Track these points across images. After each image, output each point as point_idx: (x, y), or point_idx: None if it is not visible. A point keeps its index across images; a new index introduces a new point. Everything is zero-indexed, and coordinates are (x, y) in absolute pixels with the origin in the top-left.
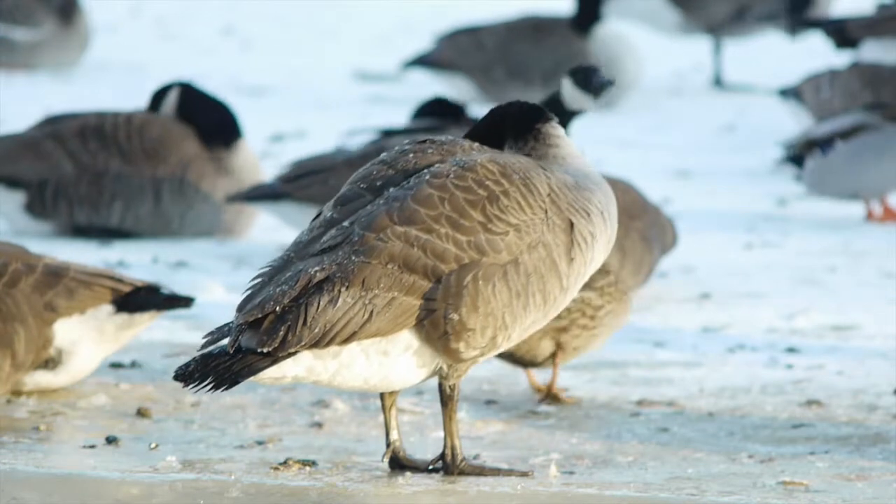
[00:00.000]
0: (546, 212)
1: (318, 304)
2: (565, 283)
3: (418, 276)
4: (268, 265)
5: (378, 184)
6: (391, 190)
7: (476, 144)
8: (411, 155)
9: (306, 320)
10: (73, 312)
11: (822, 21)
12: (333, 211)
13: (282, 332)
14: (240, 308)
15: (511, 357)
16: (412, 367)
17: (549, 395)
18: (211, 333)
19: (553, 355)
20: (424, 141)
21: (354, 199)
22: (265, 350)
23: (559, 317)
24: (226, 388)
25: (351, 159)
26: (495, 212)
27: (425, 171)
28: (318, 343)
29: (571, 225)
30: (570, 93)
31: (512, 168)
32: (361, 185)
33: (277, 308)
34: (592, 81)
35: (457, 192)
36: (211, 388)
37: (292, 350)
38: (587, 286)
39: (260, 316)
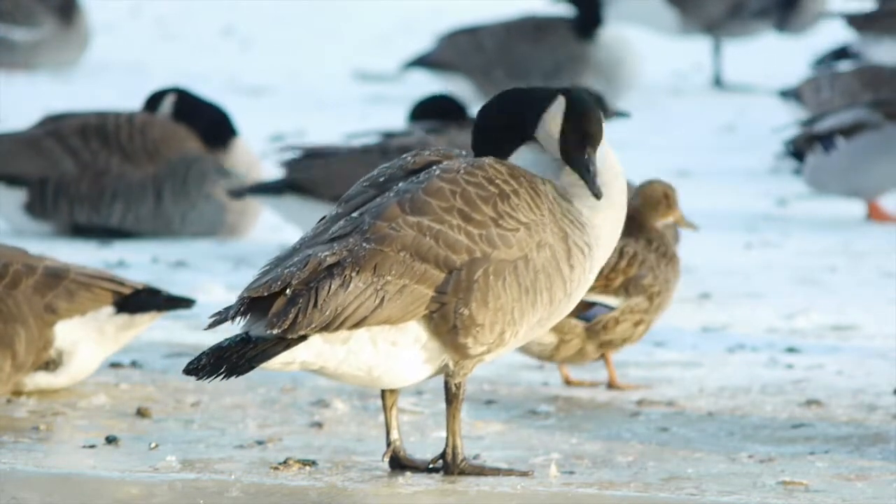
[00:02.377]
0: (551, 215)
1: (330, 287)
2: (568, 289)
3: (430, 266)
4: (274, 257)
5: (381, 180)
6: (399, 184)
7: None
8: (410, 158)
9: (317, 303)
10: (73, 314)
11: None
12: (339, 208)
13: (292, 315)
14: (246, 289)
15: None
16: (419, 361)
17: (614, 387)
18: (218, 313)
19: (601, 355)
20: (422, 148)
21: (358, 195)
22: (275, 332)
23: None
24: (238, 375)
25: (353, 150)
26: (506, 209)
27: (434, 167)
28: (328, 326)
29: (565, 232)
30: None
31: (518, 171)
32: (364, 184)
33: (287, 290)
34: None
35: (468, 188)
36: (224, 376)
37: (302, 333)
38: (638, 291)
39: (265, 294)
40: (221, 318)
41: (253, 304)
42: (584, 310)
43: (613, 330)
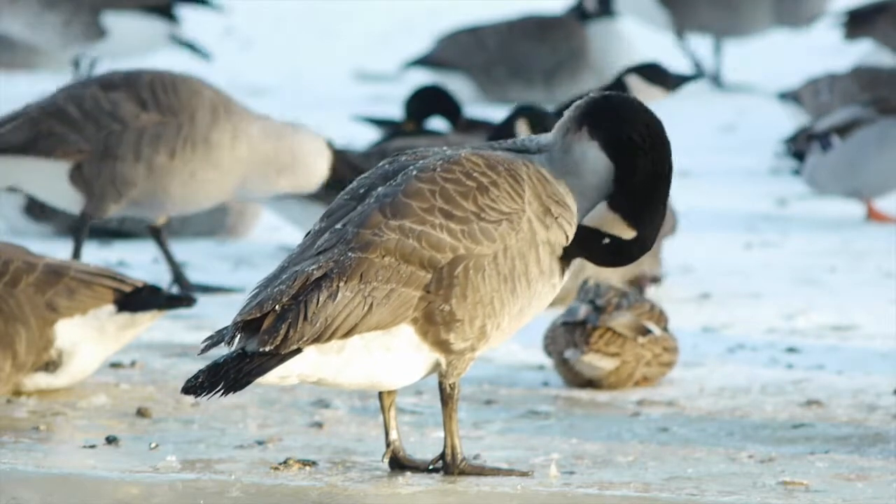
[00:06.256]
0: (534, 196)
1: (318, 299)
2: (543, 267)
3: (415, 267)
4: (263, 278)
5: (361, 192)
6: (379, 189)
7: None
8: (387, 165)
9: (307, 316)
10: (74, 313)
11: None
12: (321, 223)
13: (283, 330)
14: (239, 313)
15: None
16: (414, 363)
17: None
18: (210, 337)
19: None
20: (397, 154)
21: (340, 209)
22: (267, 349)
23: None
24: (236, 391)
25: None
26: (487, 202)
27: (410, 167)
28: (319, 338)
29: (548, 211)
30: (638, 87)
31: (495, 160)
32: (345, 197)
33: (276, 307)
34: (669, 77)
35: (446, 185)
36: (221, 394)
37: (294, 347)
38: (667, 332)
39: (259, 315)
40: (214, 341)
41: (247, 325)
42: (642, 332)
43: (660, 347)
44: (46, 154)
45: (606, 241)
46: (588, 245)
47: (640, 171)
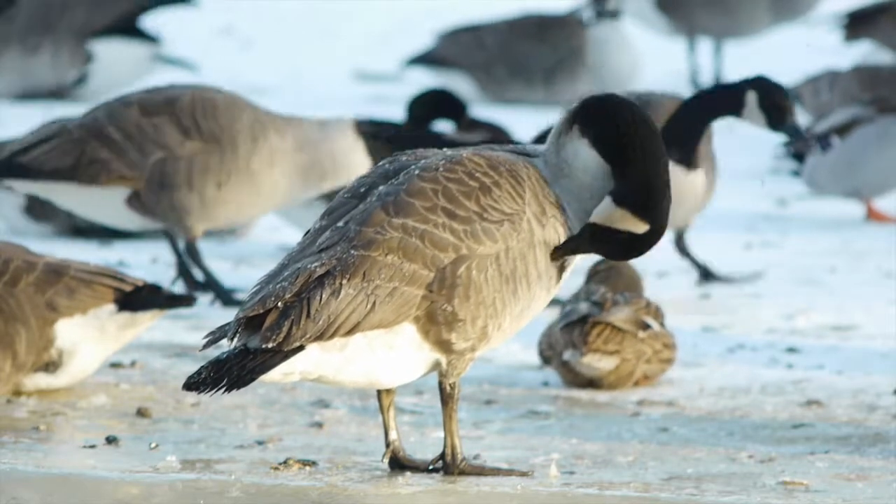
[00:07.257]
0: (532, 196)
1: (321, 297)
2: (540, 270)
3: (418, 266)
4: (263, 276)
5: (362, 191)
6: (380, 188)
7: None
8: (387, 165)
9: (310, 313)
10: (74, 312)
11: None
12: (321, 221)
13: (286, 327)
14: (241, 309)
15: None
16: (415, 362)
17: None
18: (212, 333)
19: (636, 381)
20: (396, 153)
21: (341, 206)
22: (270, 346)
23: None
24: (239, 388)
25: None
26: (489, 202)
27: (412, 166)
28: (322, 335)
29: (544, 212)
30: (752, 106)
31: (497, 160)
32: (346, 195)
33: (279, 304)
34: (786, 116)
35: (449, 185)
36: (225, 390)
37: (297, 343)
38: (664, 328)
39: (261, 311)
40: (216, 337)
41: (249, 321)
42: (642, 327)
43: (660, 343)
44: (92, 181)
45: (622, 237)
46: (603, 242)
47: (633, 160)
